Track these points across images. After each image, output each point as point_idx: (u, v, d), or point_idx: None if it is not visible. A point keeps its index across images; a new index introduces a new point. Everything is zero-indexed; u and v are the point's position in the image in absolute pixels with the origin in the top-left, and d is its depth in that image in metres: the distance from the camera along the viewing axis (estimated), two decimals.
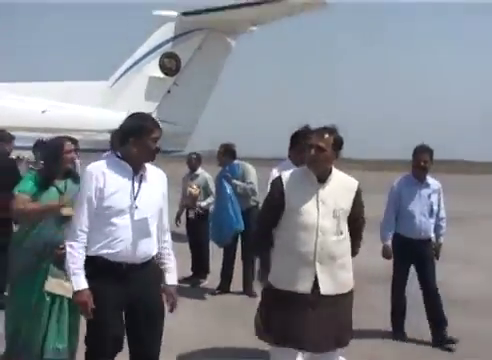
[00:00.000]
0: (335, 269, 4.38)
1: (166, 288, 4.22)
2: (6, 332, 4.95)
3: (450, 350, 6.37)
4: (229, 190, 8.27)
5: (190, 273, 9.40)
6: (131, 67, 15.53)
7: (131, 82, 15.42)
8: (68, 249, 3.91)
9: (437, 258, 6.95)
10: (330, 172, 4.42)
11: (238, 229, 8.20)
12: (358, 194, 4.51)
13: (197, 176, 9.58)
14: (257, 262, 5.09)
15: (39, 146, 7.92)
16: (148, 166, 4.13)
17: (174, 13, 15.61)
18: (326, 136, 4.31)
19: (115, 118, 12.27)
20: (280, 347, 4.44)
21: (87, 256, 3.94)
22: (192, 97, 15.89)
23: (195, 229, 9.41)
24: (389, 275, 6.97)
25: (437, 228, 6.95)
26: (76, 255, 3.90)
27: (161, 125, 12.83)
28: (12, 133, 9.02)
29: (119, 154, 4.05)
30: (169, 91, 15.82)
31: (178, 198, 9.75)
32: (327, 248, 4.33)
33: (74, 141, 5.45)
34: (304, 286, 4.32)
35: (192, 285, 9.04)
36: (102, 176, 3.94)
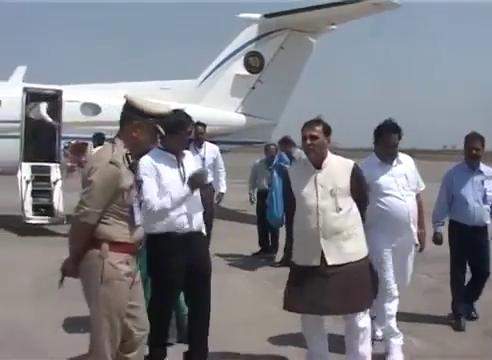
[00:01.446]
0: (340, 241, 4.88)
1: None
2: None
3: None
4: (278, 181, 9.19)
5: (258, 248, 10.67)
6: (218, 66, 16.56)
7: (218, 80, 16.45)
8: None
9: None
10: (325, 157, 4.98)
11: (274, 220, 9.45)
12: (354, 172, 5.00)
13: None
14: None
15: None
16: (185, 152, 5.16)
17: (257, 15, 16.55)
18: (316, 126, 4.94)
19: (204, 112, 13.55)
20: (306, 315, 5.04)
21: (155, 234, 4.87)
22: (275, 93, 16.74)
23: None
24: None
25: None
26: None
27: (245, 118, 14.53)
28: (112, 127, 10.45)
29: (161, 146, 5.00)
30: (253, 87, 16.77)
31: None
32: (329, 224, 4.86)
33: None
34: (314, 260, 4.87)
35: (267, 259, 10.22)
36: (155, 168, 4.94)
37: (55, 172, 13.78)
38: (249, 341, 6.00)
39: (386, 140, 5.65)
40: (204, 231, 5.22)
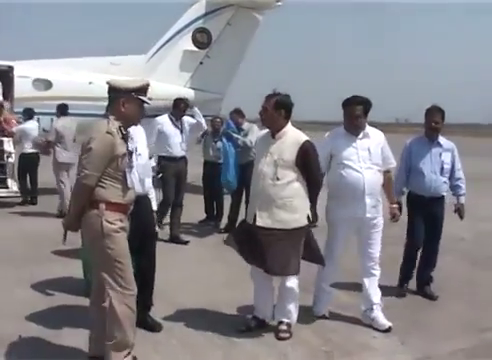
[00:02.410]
0: (273, 208, 5.36)
1: None
2: None
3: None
4: (228, 146, 9.96)
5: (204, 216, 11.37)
6: (167, 42, 16.97)
7: (167, 55, 16.87)
8: None
9: (461, 218, 7.03)
10: (280, 129, 5.48)
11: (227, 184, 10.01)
12: (303, 147, 5.40)
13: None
14: None
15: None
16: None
17: None
18: (268, 99, 5.47)
19: (154, 86, 13.95)
20: (254, 267, 5.61)
21: None
22: (222, 68, 17.22)
23: (211, 179, 11.01)
24: None
25: (456, 188, 6.93)
26: None
27: (194, 92, 15.08)
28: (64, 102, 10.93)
29: None
30: (201, 63, 17.21)
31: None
32: (266, 190, 5.39)
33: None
34: (249, 218, 5.55)
35: (212, 226, 10.93)
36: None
37: (8, 146, 14.04)
38: (196, 295, 6.64)
39: (349, 112, 5.77)
40: (150, 195, 5.75)
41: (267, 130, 5.68)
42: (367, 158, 5.77)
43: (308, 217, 5.50)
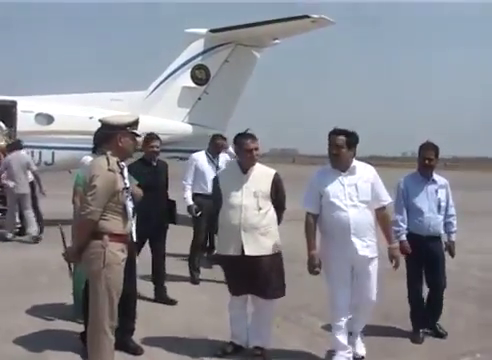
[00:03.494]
0: (257, 236, 5.68)
1: None
2: None
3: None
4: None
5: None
6: (166, 78, 17.34)
7: (166, 91, 17.25)
8: None
9: (452, 256, 6.84)
10: (254, 165, 5.85)
11: None
12: (274, 180, 5.84)
13: None
14: None
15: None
16: None
17: (204, 30, 17.34)
18: (255, 140, 5.85)
19: (152, 121, 14.29)
20: (233, 295, 5.99)
21: None
22: (221, 103, 17.59)
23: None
24: None
25: (448, 225, 6.78)
26: None
27: (192, 127, 15.28)
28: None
29: None
30: (200, 98, 17.56)
31: None
32: (249, 220, 5.68)
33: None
34: (235, 250, 5.72)
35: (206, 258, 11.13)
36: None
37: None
38: (176, 321, 7.04)
39: (331, 141, 5.64)
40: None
41: (228, 166, 6.18)
42: (354, 195, 5.63)
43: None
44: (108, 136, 5.06)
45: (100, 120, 5.20)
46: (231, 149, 9.54)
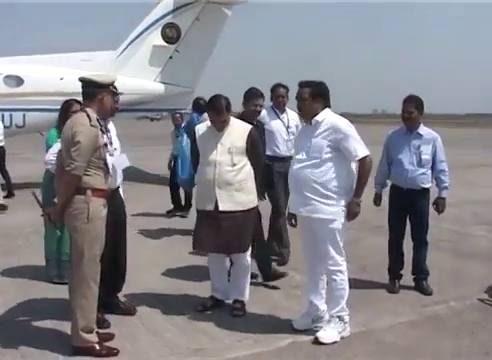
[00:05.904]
0: (232, 192, 5.77)
1: None
2: None
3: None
4: (186, 142, 8.83)
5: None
6: (136, 38, 17.20)
7: (136, 50, 17.11)
8: None
9: (438, 212, 6.84)
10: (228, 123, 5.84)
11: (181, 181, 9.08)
12: (250, 135, 5.87)
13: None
14: None
15: None
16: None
17: None
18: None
19: (123, 81, 14.21)
20: (210, 253, 6.07)
21: None
22: (192, 62, 17.48)
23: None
24: None
25: (437, 181, 6.76)
26: None
27: (164, 86, 15.22)
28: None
29: None
30: (171, 57, 17.44)
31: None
32: (223, 176, 5.75)
33: (80, 103, 7.43)
34: (209, 205, 5.83)
35: (180, 216, 11.39)
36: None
37: None
38: (158, 279, 7.14)
39: (297, 95, 5.47)
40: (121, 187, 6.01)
41: (205, 124, 6.07)
42: (304, 149, 5.36)
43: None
44: (89, 94, 5.07)
45: (83, 78, 5.15)
46: None
